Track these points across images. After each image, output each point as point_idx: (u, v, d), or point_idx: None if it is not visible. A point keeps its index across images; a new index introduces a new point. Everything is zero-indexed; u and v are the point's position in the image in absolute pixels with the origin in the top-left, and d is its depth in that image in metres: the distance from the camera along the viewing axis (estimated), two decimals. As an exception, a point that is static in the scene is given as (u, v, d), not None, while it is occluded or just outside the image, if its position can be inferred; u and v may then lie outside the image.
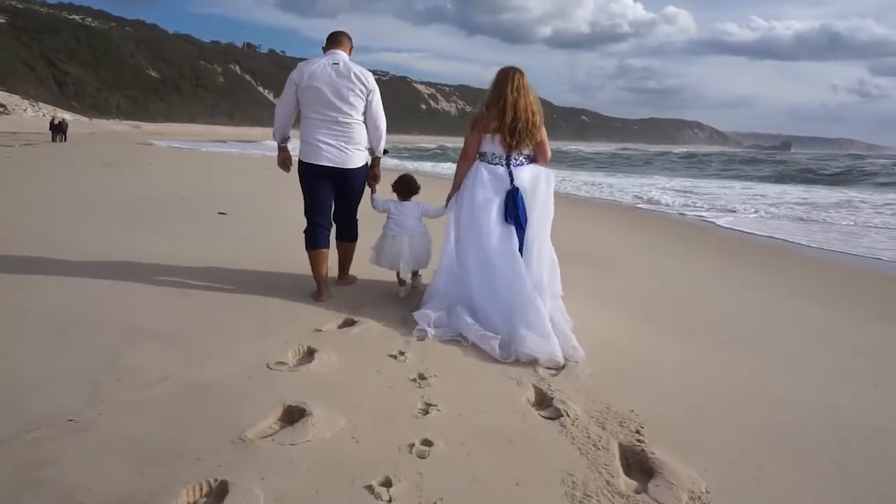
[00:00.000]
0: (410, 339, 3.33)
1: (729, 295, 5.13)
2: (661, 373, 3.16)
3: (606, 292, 4.84)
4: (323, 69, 3.82)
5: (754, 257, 7.24)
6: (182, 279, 4.18)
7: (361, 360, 2.96)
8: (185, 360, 2.75)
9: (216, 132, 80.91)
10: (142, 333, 3.06)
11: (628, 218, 10.94)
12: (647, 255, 6.80)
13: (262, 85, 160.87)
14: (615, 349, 3.47)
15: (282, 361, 2.82)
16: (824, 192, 17.56)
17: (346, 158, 3.89)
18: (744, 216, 11.27)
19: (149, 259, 4.71)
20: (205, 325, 3.28)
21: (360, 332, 3.35)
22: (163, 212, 7.26)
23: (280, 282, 4.31)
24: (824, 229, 9.79)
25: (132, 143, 32.18)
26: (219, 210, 7.43)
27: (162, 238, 5.60)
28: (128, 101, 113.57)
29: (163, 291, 3.90)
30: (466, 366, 3.05)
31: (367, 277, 4.46)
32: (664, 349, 3.56)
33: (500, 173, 3.59)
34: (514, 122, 3.50)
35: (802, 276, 6.23)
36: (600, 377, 3.02)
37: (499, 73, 3.64)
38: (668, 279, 5.60)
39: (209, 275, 4.34)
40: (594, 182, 19.65)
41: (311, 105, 3.85)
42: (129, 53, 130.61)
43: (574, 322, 3.56)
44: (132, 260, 4.69)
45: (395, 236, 4.05)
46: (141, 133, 56.73)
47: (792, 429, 2.61)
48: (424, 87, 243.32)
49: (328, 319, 3.53)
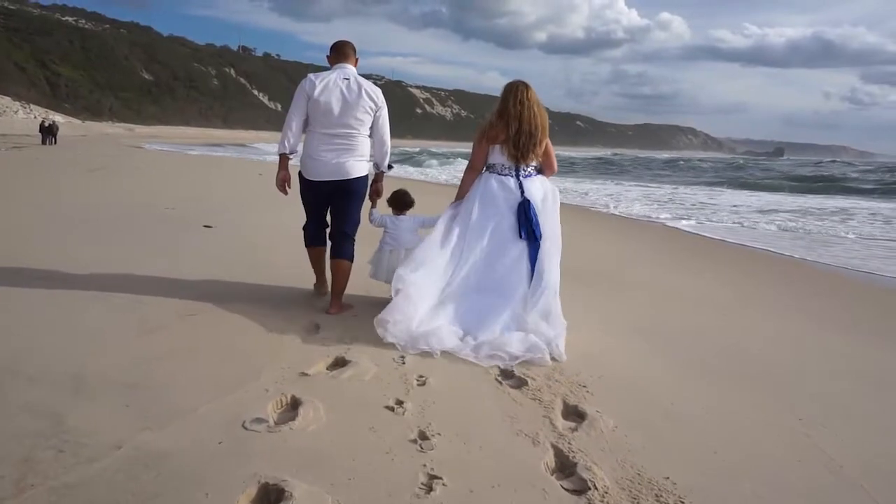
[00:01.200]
0: (409, 382, 2.94)
1: (750, 322, 4.76)
2: (692, 424, 2.79)
3: (612, 317, 4.47)
4: (335, 84, 3.82)
5: (767, 273, 6.89)
6: (153, 307, 3.75)
7: (353, 414, 2.55)
8: (145, 418, 2.33)
9: (210, 135, 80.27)
10: (96, 383, 2.63)
11: (609, 224, 10.58)
12: (647, 269, 6.43)
13: (257, 88, 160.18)
14: (637, 393, 3.11)
15: (260, 418, 2.41)
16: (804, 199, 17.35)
17: (346, 169, 3.87)
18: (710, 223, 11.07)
19: (116, 283, 4.24)
20: (173, 369, 2.86)
21: (351, 377, 2.95)
22: (143, 224, 6.83)
23: (266, 307, 3.91)
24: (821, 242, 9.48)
25: (123, 147, 31.62)
26: (205, 223, 7.01)
27: (136, 256, 5.17)
28: (121, 103, 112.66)
29: (127, 324, 3.45)
30: (472, 417, 2.66)
31: (360, 294, 4.07)
32: (691, 392, 3.20)
33: (511, 185, 3.62)
34: (517, 135, 3.56)
35: (815, 294, 5.88)
36: (625, 430, 2.65)
37: (505, 86, 3.69)
38: (677, 301, 5.23)
39: (186, 301, 3.93)
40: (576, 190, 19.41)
41: (318, 119, 3.84)
42: (122, 55, 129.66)
43: (587, 354, 3.39)
44: (95, 284, 4.21)
45: (392, 250, 4.09)
46: (134, 136, 56.07)
47: (852, 497, 2.24)
48: (419, 91, 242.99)
49: (316, 358, 3.12)
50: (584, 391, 3.10)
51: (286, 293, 4.36)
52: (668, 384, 3.29)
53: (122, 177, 12.91)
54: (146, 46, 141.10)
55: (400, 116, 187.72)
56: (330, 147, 3.84)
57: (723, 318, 4.84)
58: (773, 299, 5.68)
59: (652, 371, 3.48)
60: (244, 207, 8.84)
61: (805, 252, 8.55)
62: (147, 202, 8.60)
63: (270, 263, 5.24)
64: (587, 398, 3.01)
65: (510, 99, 3.60)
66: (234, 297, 4.07)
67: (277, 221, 6.84)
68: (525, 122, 3.56)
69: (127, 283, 4.27)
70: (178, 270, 4.73)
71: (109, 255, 5.16)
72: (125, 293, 3.99)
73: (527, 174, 3.67)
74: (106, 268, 4.67)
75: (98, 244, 5.55)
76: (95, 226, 6.55)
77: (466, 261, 3.58)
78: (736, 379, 3.45)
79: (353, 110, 3.81)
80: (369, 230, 4.25)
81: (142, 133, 66.36)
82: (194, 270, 4.76)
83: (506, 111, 3.58)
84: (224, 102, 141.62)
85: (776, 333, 4.49)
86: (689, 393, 3.21)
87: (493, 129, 3.63)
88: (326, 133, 3.84)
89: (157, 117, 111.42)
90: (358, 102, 3.82)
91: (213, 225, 6.96)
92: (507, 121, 3.58)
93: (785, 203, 16.77)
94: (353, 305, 4.05)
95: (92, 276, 4.41)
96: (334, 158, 3.83)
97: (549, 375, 3.27)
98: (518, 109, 3.56)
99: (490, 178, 3.66)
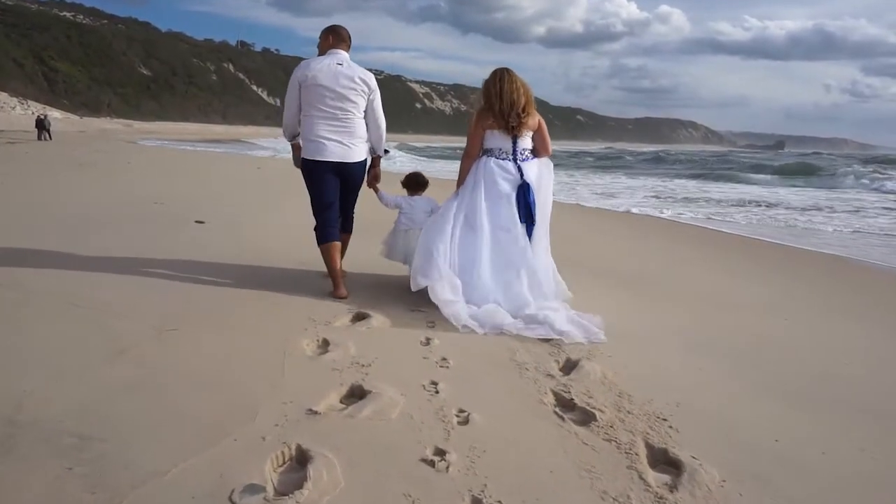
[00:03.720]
0: (447, 420, 2.28)
1: (818, 331, 4.10)
2: (815, 474, 2.17)
3: (664, 328, 3.82)
4: (328, 68, 3.86)
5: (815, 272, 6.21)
6: (126, 321, 3.08)
7: (380, 473, 1.89)
8: (93, 489, 1.66)
9: (209, 131, 79.40)
10: (33, 435, 1.94)
11: (623, 221, 9.89)
12: (681, 269, 5.76)
13: (257, 84, 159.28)
14: (729, 428, 2.50)
15: (255, 485, 1.74)
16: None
17: (349, 153, 3.92)
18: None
19: (84, 291, 3.57)
20: (140, 409, 2.17)
21: (373, 415, 2.28)
22: (128, 221, 6.13)
23: (262, 318, 3.26)
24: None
25: (118, 142, 30.89)
26: (196, 218, 6.34)
27: (115, 257, 4.50)
28: (119, 99, 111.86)
29: (91, 345, 2.75)
30: (539, 471, 2.00)
31: (371, 300, 3.41)
32: (791, 424, 2.59)
33: (510, 168, 3.74)
34: (501, 107, 3.70)
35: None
36: (736, 484, 2.02)
37: (489, 75, 3.85)
38: (725, 306, 4.56)
39: (167, 311, 3.27)
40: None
41: (313, 103, 3.87)
42: (120, 51, 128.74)
43: (652, 375, 2.97)
44: (59, 293, 3.53)
45: (408, 230, 4.08)
46: (132, 132, 55.28)
47: None
48: (419, 85, 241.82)
49: (327, 388, 2.46)
50: (666, 427, 2.45)
51: (285, 301, 3.70)
52: (760, 415, 2.65)
53: (112, 172, 12.19)
54: (144, 42, 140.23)
55: (399, 111, 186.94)
56: (331, 129, 3.87)
57: (784, 325, 4.18)
58: (826, 301, 5.01)
59: (734, 397, 2.84)
60: (240, 204, 8.15)
61: (852, 251, 7.87)
62: (135, 198, 7.90)
63: (267, 265, 4.58)
64: (673, 437, 2.36)
65: (489, 83, 3.79)
66: (223, 306, 3.42)
67: (276, 218, 6.19)
68: (506, 94, 3.71)
69: (99, 290, 3.60)
70: (162, 274, 4.06)
71: (83, 256, 4.49)
72: (95, 303, 3.31)
73: (524, 158, 3.80)
74: (76, 272, 4.00)
75: (72, 244, 4.84)
76: (72, 223, 5.85)
77: (476, 244, 3.68)
78: (833, 406, 2.81)
79: (348, 93, 3.87)
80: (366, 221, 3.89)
81: (140, 129, 65.50)
82: (180, 273, 4.10)
83: (488, 93, 3.76)
84: (223, 98, 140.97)
85: (855, 344, 3.84)
86: (789, 426, 2.57)
87: (483, 112, 3.77)
88: (323, 115, 3.86)
89: (156, 113, 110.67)
90: (352, 85, 3.88)
91: (206, 220, 6.28)
92: (490, 101, 3.74)
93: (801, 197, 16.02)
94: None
95: (58, 282, 3.74)
96: (336, 140, 3.88)
97: (617, 404, 2.62)
98: (498, 87, 3.73)
99: (489, 162, 3.77)
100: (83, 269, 4.11)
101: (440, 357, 2.96)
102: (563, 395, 2.66)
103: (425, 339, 3.19)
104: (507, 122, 3.72)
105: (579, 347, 3.31)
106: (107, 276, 3.94)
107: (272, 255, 4.92)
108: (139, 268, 4.19)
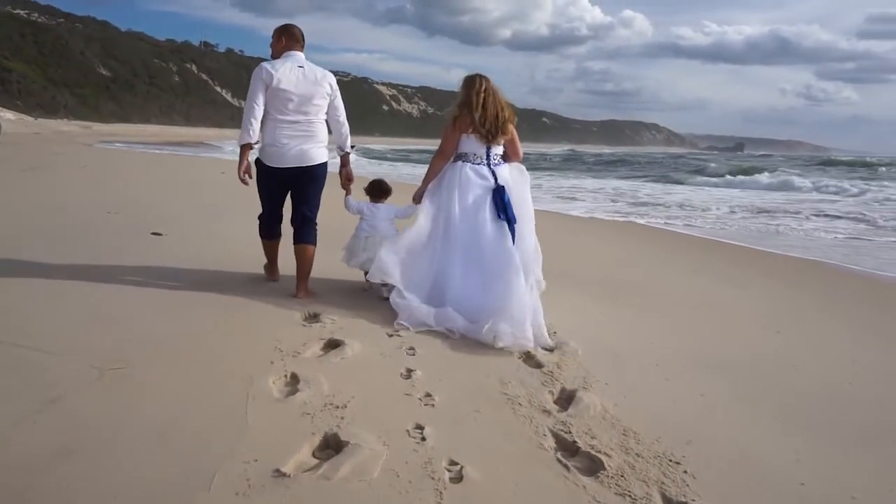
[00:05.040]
0: (439, 476, 1.98)
1: (834, 349, 3.92)
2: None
3: (664, 346, 3.61)
4: (291, 72, 3.87)
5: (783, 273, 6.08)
6: (63, 359, 2.69)
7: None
8: None
9: (172, 133, 77.34)
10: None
11: (591, 227, 9.74)
12: (671, 277, 5.56)
13: (220, 85, 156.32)
14: (750, 470, 2.30)
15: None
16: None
17: (308, 156, 3.94)
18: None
19: (14, 324, 3.11)
20: (66, 494, 1.81)
21: (352, 473, 1.95)
22: (75, 234, 5.64)
23: (221, 351, 2.91)
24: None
25: (75, 144, 29.69)
26: (153, 230, 5.90)
27: (56, 278, 4.05)
28: (77, 100, 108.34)
29: (16, 394, 2.33)
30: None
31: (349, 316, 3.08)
32: (815, 461, 2.37)
33: (485, 173, 3.83)
34: (483, 116, 3.77)
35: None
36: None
37: (465, 80, 3.91)
38: (725, 319, 4.36)
39: (114, 343, 2.89)
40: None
41: (277, 107, 3.86)
42: (78, 50, 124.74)
43: (658, 408, 2.71)
44: None
45: (369, 237, 4.09)
46: (90, 134, 53.28)
47: None
48: (386, 87, 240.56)
49: (297, 439, 2.13)
50: (681, 472, 2.21)
51: (250, 326, 3.36)
52: (777, 451, 2.43)
53: (64, 177, 11.48)
54: (103, 41, 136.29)
55: (366, 114, 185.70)
56: (292, 134, 3.88)
57: (778, 338, 3.99)
58: (844, 318, 4.86)
59: (745, 429, 2.63)
60: (202, 212, 7.69)
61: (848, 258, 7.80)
62: (85, 205, 7.36)
63: (230, 280, 4.22)
64: (690, 485, 2.12)
65: (471, 90, 3.82)
66: (179, 336, 3.06)
67: (240, 227, 5.78)
68: (491, 105, 3.79)
69: (30, 320, 3.16)
70: (108, 298, 3.65)
71: (12, 278, 3.96)
72: (23, 337, 2.88)
73: (497, 163, 3.89)
74: (1, 298, 3.54)
75: (20, 271, 4.22)
76: (4, 236, 5.28)
77: (455, 249, 3.72)
78: (857, 437, 2.60)
79: (311, 97, 3.89)
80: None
81: (99, 131, 63.27)
82: (129, 297, 3.70)
83: (469, 102, 3.80)
84: (186, 99, 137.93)
85: (853, 358, 3.66)
86: (814, 463, 2.36)
87: (463, 116, 3.81)
88: (286, 120, 3.87)
89: (117, 115, 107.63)
90: (315, 89, 3.90)
91: (164, 232, 5.85)
92: (471, 110, 3.78)
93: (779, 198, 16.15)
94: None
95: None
96: (297, 145, 3.89)
97: (623, 445, 2.36)
98: (483, 96, 3.79)
99: (464, 168, 3.82)
100: (11, 293, 3.64)
101: (423, 392, 2.66)
102: (563, 437, 2.39)
103: (406, 372, 2.89)
104: (487, 133, 3.81)
105: (573, 375, 3.05)
106: (40, 303, 3.50)
107: (235, 268, 4.55)
108: (81, 291, 3.75)
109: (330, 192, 4.19)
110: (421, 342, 3.31)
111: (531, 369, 3.10)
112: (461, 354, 3.23)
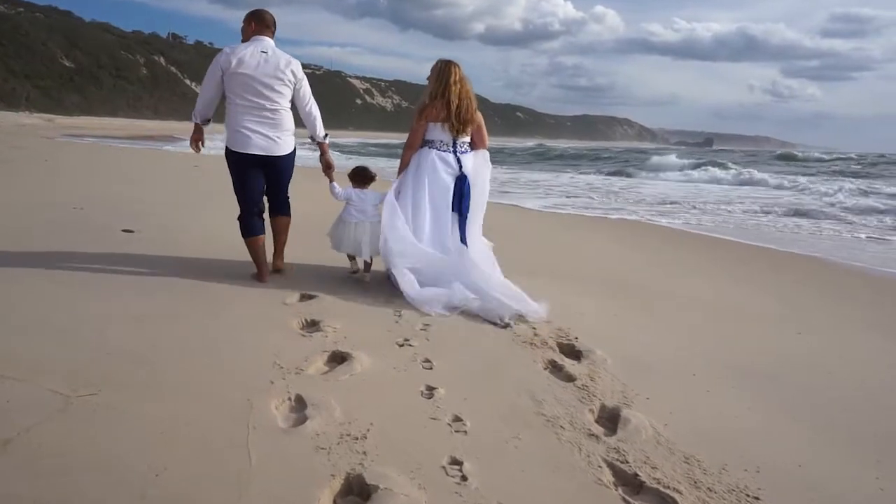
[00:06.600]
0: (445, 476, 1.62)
1: (836, 340, 3.66)
2: None
3: (692, 351, 3.32)
4: (252, 56, 3.76)
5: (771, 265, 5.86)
6: (24, 385, 2.24)
7: None
8: None
9: (140, 126, 75.23)
10: None
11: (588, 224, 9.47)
12: (683, 279, 5.28)
13: (189, 77, 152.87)
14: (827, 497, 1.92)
15: None
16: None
17: (274, 146, 3.87)
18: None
19: None
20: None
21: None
22: (36, 231, 5.13)
23: (211, 372, 2.49)
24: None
25: (37, 138, 28.47)
26: (123, 226, 5.41)
27: (16, 285, 3.60)
28: (39, 92, 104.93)
29: None
30: None
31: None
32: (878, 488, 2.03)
33: (450, 161, 3.93)
34: (458, 109, 3.88)
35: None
36: None
37: (439, 66, 3.96)
38: (748, 320, 4.09)
39: (82, 364, 2.46)
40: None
41: (238, 92, 3.77)
42: (39, 41, 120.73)
43: (705, 426, 2.29)
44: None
45: (358, 223, 4.14)
46: (53, 127, 51.34)
47: None
48: (359, 81, 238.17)
49: (313, 483, 1.74)
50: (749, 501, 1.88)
51: (242, 337, 2.94)
52: (858, 479, 2.14)
53: (24, 173, 10.73)
54: (66, 31, 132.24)
55: (339, 108, 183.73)
56: (256, 120, 3.80)
57: (802, 340, 3.73)
58: (862, 315, 4.62)
59: (811, 451, 2.34)
60: (176, 206, 7.18)
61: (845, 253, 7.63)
62: (49, 202, 6.78)
63: (213, 280, 3.82)
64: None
65: (451, 76, 3.89)
66: (160, 354, 2.63)
67: (217, 221, 5.34)
68: (464, 98, 3.89)
69: None
70: (77, 308, 3.20)
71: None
72: None
73: (463, 150, 3.99)
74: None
75: None
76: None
77: (423, 231, 3.87)
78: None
79: (273, 83, 3.79)
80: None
81: (63, 124, 61.06)
82: (101, 306, 3.25)
83: (446, 91, 3.87)
84: (154, 92, 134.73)
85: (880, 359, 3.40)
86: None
87: (431, 107, 3.90)
88: (248, 105, 3.78)
89: (81, 107, 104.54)
90: (276, 75, 3.79)
91: (136, 229, 5.37)
92: (447, 99, 3.86)
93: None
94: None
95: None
96: (262, 133, 3.81)
97: (690, 477, 2.04)
98: (458, 87, 3.88)
99: (431, 153, 3.93)
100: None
101: (451, 416, 2.30)
102: (621, 469, 2.05)
103: (426, 390, 2.52)
104: (458, 125, 3.90)
105: (610, 389, 2.72)
106: (1, 315, 3.04)
107: (219, 268, 4.13)
108: (46, 300, 3.28)
109: (312, 185, 3.87)
110: (434, 351, 2.94)
111: (563, 383, 2.76)
112: (481, 365, 2.88)
